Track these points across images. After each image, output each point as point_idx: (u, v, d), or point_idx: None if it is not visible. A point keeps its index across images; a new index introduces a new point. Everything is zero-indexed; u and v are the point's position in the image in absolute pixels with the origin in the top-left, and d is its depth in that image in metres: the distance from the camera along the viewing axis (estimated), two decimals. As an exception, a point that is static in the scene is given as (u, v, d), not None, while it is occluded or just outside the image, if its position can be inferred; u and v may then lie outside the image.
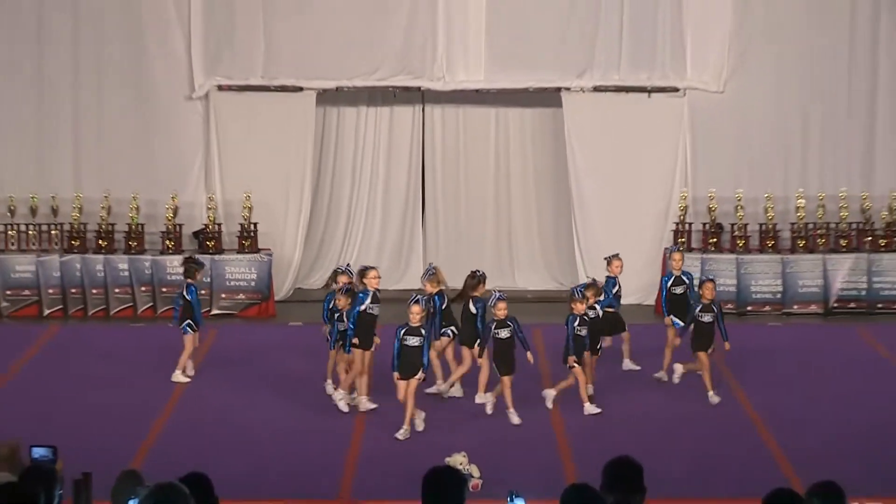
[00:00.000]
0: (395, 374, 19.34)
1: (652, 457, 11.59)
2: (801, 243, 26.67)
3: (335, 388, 20.70)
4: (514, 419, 19.78)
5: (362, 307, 20.19)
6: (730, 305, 25.99)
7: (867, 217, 26.73)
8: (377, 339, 20.30)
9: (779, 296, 26.04)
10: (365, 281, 20.61)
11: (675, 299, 21.79)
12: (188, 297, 21.66)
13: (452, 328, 20.90)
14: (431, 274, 21.20)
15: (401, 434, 19.17)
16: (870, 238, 26.66)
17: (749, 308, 26.02)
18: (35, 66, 27.13)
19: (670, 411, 20.61)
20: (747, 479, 17.52)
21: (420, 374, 19.36)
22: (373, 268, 20.86)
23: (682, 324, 21.40)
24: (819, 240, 26.67)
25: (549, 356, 22.07)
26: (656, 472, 9.56)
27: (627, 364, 22.22)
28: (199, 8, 27.00)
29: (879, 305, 26.39)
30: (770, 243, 26.70)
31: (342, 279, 20.85)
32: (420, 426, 19.40)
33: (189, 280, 21.79)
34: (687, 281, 21.91)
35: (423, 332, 19.43)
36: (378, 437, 19.37)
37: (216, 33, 27.14)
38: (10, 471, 12.78)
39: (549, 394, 20.49)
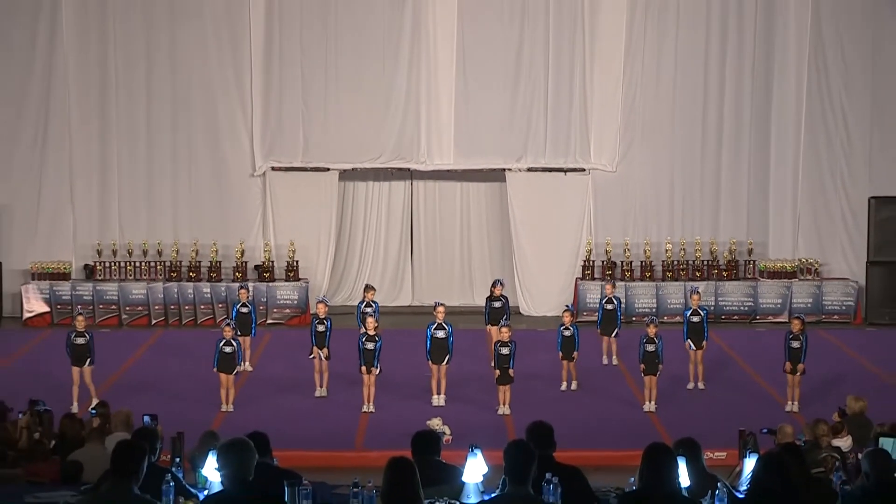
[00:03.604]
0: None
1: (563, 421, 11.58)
2: (669, 274, 26.64)
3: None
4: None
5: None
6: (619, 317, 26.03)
7: (714, 256, 26.74)
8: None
9: (654, 310, 25.98)
10: (367, 294, 21.53)
11: (692, 327, 20.66)
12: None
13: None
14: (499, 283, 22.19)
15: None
16: (716, 271, 26.64)
17: (633, 318, 25.96)
18: (146, 146, 26.98)
19: (581, 395, 20.54)
20: (631, 436, 17.50)
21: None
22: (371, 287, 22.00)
23: (695, 347, 20.54)
24: (681, 272, 26.67)
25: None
26: (565, 431, 9.54)
27: None
28: (259, 113, 26.93)
29: (723, 317, 26.33)
30: (648, 274, 26.67)
31: (320, 307, 20.44)
32: None
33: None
34: (702, 313, 20.77)
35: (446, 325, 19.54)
36: (381, 406, 19.30)
37: (270, 130, 27.07)
38: (125, 431, 12.80)
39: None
